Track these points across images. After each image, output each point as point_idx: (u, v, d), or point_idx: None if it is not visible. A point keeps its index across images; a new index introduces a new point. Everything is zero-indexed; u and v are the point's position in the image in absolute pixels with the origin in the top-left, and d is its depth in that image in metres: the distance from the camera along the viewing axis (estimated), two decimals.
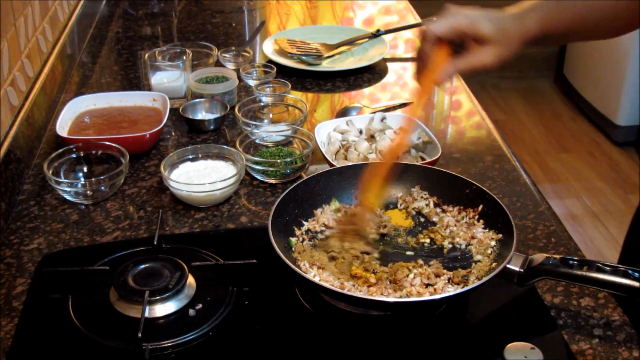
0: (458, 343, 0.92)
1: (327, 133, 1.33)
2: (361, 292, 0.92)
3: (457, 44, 0.99)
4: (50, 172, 1.20)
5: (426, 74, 1.00)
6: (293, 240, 1.03)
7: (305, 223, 1.06)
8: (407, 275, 0.94)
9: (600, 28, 1.05)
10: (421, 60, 1.02)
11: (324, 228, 1.06)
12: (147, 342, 0.87)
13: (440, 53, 0.99)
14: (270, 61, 1.75)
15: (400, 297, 0.91)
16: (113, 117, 1.42)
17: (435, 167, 1.16)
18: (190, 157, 1.26)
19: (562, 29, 1.03)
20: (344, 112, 1.50)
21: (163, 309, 0.94)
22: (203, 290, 0.97)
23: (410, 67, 1.82)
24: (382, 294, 0.92)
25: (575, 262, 0.89)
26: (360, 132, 1.34)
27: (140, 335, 0.86)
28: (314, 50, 1.79)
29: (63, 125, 1.36)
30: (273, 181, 1.26)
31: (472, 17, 0.98)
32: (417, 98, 1.06)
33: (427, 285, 0.93)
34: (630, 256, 1.31)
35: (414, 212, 1.10)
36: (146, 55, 1.59)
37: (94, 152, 1.27)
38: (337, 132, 1.33)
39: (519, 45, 1.00)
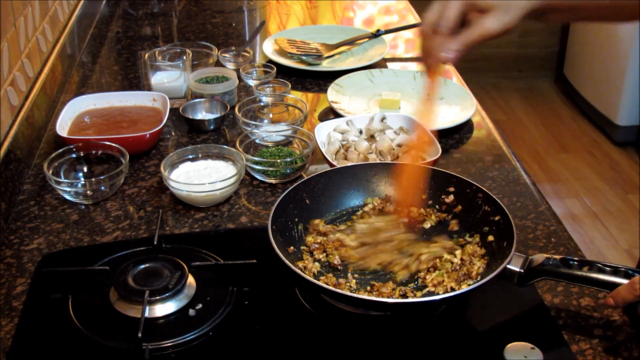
0: (458, 343, 0.92)
1: (327, 133, 1.33)
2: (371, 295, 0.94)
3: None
4: (50, 172, 1.20)
5: (433, 59, 0.96)
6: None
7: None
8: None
9: (613, 8, 0.99)
10: (427, 58, 0.98)
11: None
12: (147, 342, 0.87)
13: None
14: (270, 61, 1.75)
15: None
16: (113, 117, 1.42)
17: (435, 167, 1.16)
18: (190, 157, 1.26)
19: (569, 3, 0.98)
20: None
21: (163, 309, 0.94)
22: (203, 290, 0.97)
23: (410, 65, 1.82)
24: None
25: (576, 263, 0.89)
26: (360, 132, 1.34)
27: (140, 335, 0.86)
28: (314, 50, 1.78)
29: (63, 125, 1.36)
30: (273, 181, 1.26)
31: None
32: (428, 85, 1.00)
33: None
34: None
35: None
36: (146, 55, 1.59)
37: (94, 152, 1.27)
38: (337, 132, 1.33)
39: (522, 13, 0.95)
